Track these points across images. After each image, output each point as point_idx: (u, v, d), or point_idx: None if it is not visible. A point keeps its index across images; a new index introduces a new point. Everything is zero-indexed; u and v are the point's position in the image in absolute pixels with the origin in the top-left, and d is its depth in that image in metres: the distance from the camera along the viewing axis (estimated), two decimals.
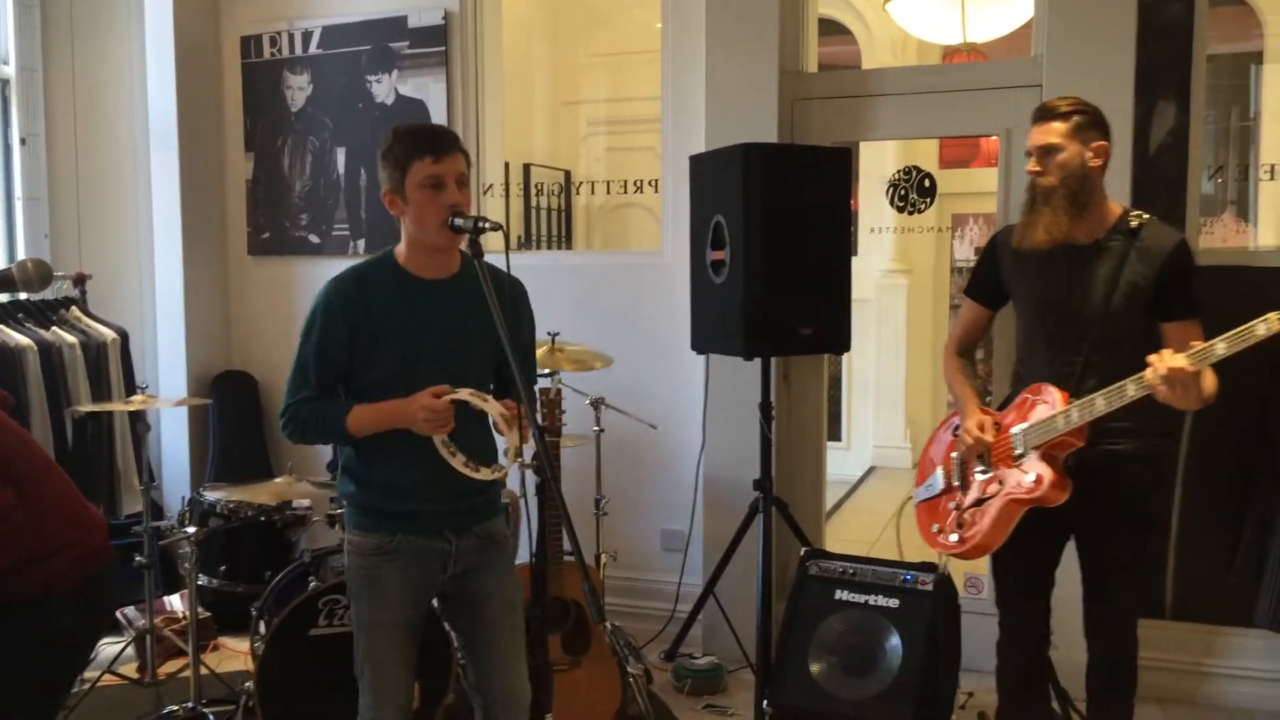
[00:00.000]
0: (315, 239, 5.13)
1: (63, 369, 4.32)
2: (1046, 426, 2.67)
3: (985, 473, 2.84)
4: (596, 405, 4.02)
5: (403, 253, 2.47)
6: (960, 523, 2.88)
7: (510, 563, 2.61)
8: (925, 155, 6.28)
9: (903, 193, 4.46)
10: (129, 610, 4.32)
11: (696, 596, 4.17)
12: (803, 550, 3.62)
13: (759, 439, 3.84)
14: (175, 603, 4.45)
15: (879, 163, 6.10)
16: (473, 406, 2.27)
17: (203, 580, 4.03)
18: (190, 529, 3.63)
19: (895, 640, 3.27)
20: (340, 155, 5.04)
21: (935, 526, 2.98)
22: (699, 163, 3.95)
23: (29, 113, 4.98)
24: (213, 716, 3.58)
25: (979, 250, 3.19)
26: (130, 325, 4.83)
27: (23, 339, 4.22)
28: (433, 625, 2.79)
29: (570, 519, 2.13)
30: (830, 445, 4.71)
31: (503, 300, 2.27)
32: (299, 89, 5.10)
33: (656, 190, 4.73)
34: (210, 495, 4.10)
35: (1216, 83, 4.77)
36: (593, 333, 4.21)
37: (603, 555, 4.03)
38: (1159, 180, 3.75)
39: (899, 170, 4.48)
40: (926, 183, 4.44)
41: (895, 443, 7.38)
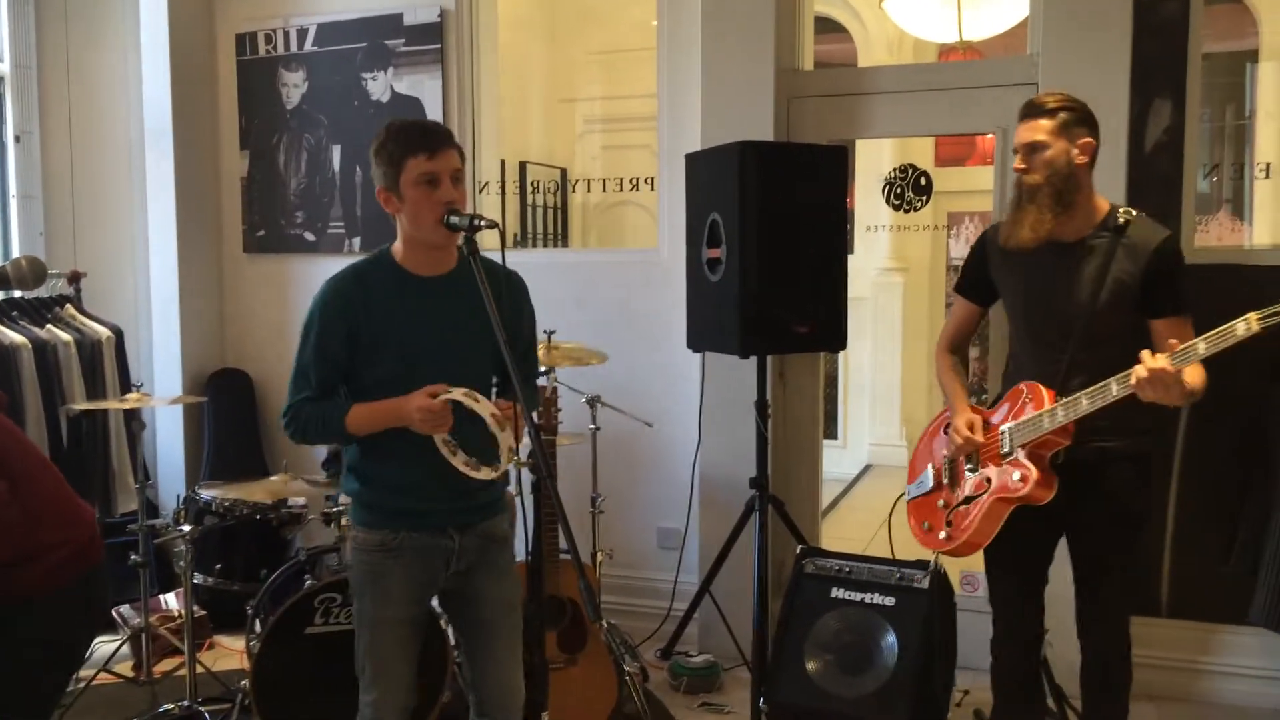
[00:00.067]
0: (310, 237, 5.12)
1: (57, 367, 4.31)
2: (1032, 425, 2.67)
3: (974, 471, 2.84)
4: (592, 403, 4.02)
5: (399, 251, 2.46)
6: (949, 521, 2.89)
7: (511, 563, 2.60)
8: (921, 153, 6.29)
9: (899, 191, 4.46)
10: (124, 609, 4.31)
11: (692, 595, 4.16)
12: (799, 548, 3.62)
13: (755, 437, 3.84)
14: (171, 601, 4.44)
15: (875, 161, 6.10)
16: (465, 407, 2.25)
17: (198, 578, 4.02)
18: (185, 527, 3.63)
19: (891, 638, 3.27)
20: (335, 153, 5.03)
21: (926, 524, 2.99)
22: (695, 161, 3.94)
23: (23, 110, 4.97)
24: (208, 715, 3.59)
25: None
26: (125, 323, 4.83)
27: (17, 337, 4.21)
28: (430, 623, 2.79)
29: (566, 517, 2.13)
30: (826, 443, 4.71)
31: (500, 295, 2.26)
32: (294, 86, 5.09)
33: (652, 188, 4.72)
34: (205, 493, 4.09)
35: (1212, 81, 4.77)
36: (589, 331, 4.21)
37: (599, 553, 4.03)
38: (1154, 178, 3.76)
39: (895, 168, 4.48)
40: (922, 181, 4.44)
41: (891, 441, 7.38)
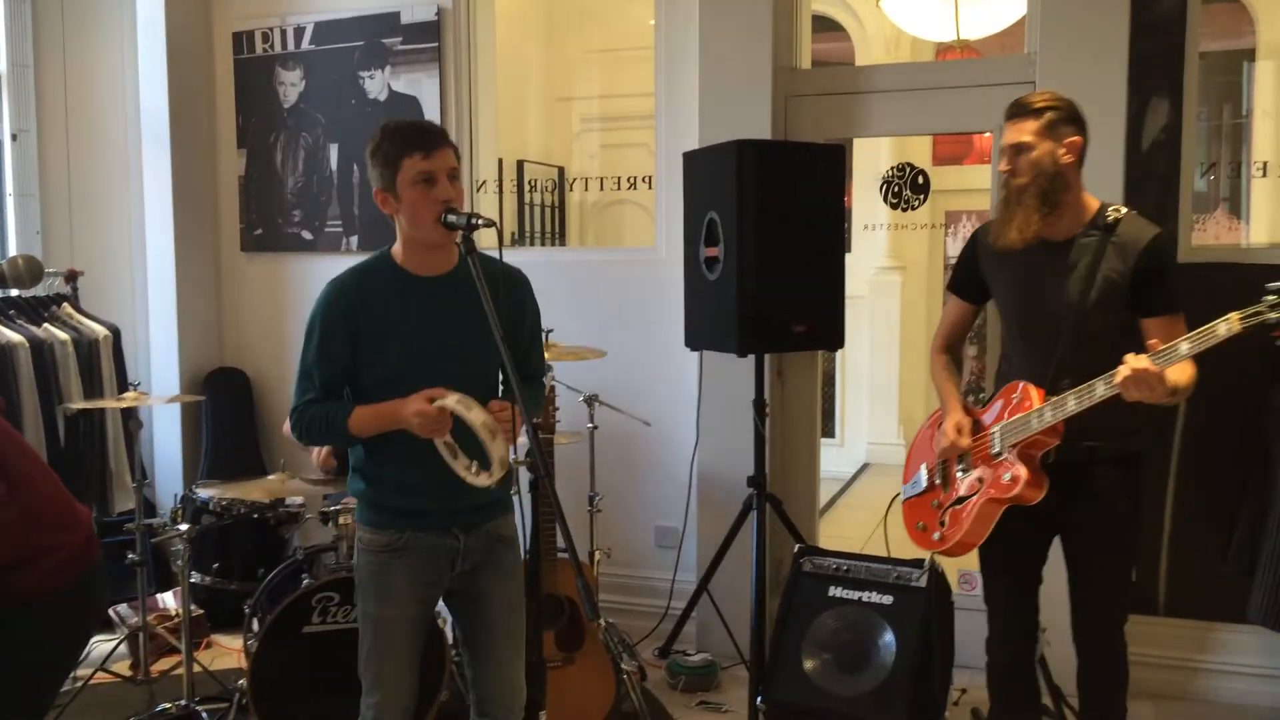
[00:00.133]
0: (308, 235, 5.12)
1: (54, 366, 4.31)
2: (1021, 425, 2.66)
3: (966, 471, 2.84)
4: (590, 402, 4.02)
5: (399, 252, 2.46)
6: (943, 521, 2.89)
7: (516, 563, 2.59)
8: (918, 152, 6.29)
9: (896, 189, 4.46)
10: (122, 608, 4.31)
11: (690, 593, 4.17)
12: (796, 547, 3.62)
13: (753, 435, 3.84)
14: (168, 600, 4.44)
15: (872, 159, 6.11)
16: (456, 414, 2.23)
17: (195, 578, 4.02)
18: (183, 526, 3.63)
19: (889, 637, 3.27)
20: (333, 151, 5.03)
21: (920, 524, 2.99)
22: (693, 159, 3.94)
23: (20, 108, 4.97)
24: (206, 714, 3.58)
25: None
26: (122, 322, 4.82)
27: (14, 336, 4.21)
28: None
29: (564, 516, 2.13)
30: (824, 442, 4.71)
31: (499, 293, 2.25)
32: (291, 85, 5.09)
33: (650, 187, 4.72)
34: (203, 492, 4.08)
35: (1209, 80, 4.78)
36: (586, 329, 4.21)
37: (596, 552, 4.03)
38: (1152, 177, 3.76)
39: (892, 167, 4.48)
40: (920, 179, 4.44)
41: (889, 439, 7.37)
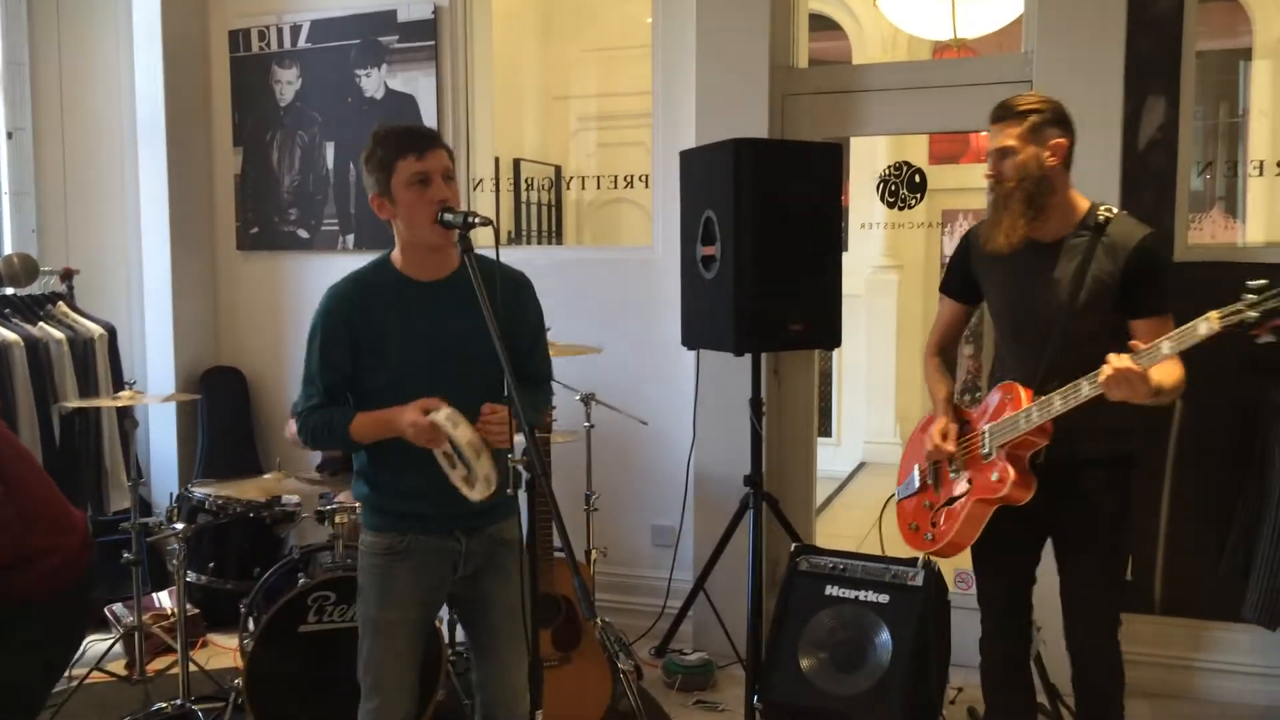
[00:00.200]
0: (304, 234, 5.11)
1: (50, 365, 4.30)
2: (1010, 426, 2.65)
3: (957, 472, 2.84)
4: (587, 401, 4.01)
5: (398, 257, 2.46)
6: (934, 522, 2.89)
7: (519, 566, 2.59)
8: (915, 151, 6.30)
9: (893, 188, 4.46)
10: (117, 607, 4.30)
11: (687, 592, 4.17)
12: (793, 546, 3.62)
13: (749, 434, 3.84)
14: (164, 599, 4.43)
15: (869, 158, 6.11)
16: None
17: (191, 577, 4.02)
18: (178, 525, 3.62)
19: (885, 636, 3.27)
20: (329, 150, 5.02)
21: (913, 524, 2.98)
22: (689, 158, 3.94)
23: (16, 107, 4.96)
24: (201, 714, 3.57)
25: None
26: (118, 321, 4.81)
27: (9, 334, 4.20)
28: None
29: (560, 515, 2.13)
30: (820, 441, 4.71)
31: (496, 295, 2.23)
32: (288, 83, 5.08)
33: (647, 185, 4.72)
34: (199, 491, 4.08)
35: (1205, 79, 4.78)
36: (583, 328, 4.20)
37: (593, 551, 4.03)
38: (1149, 176, 3.76)
39: (889, 166, 4.48)
40: (917, 178, 4.44)
41: (885, 438, 7.38)
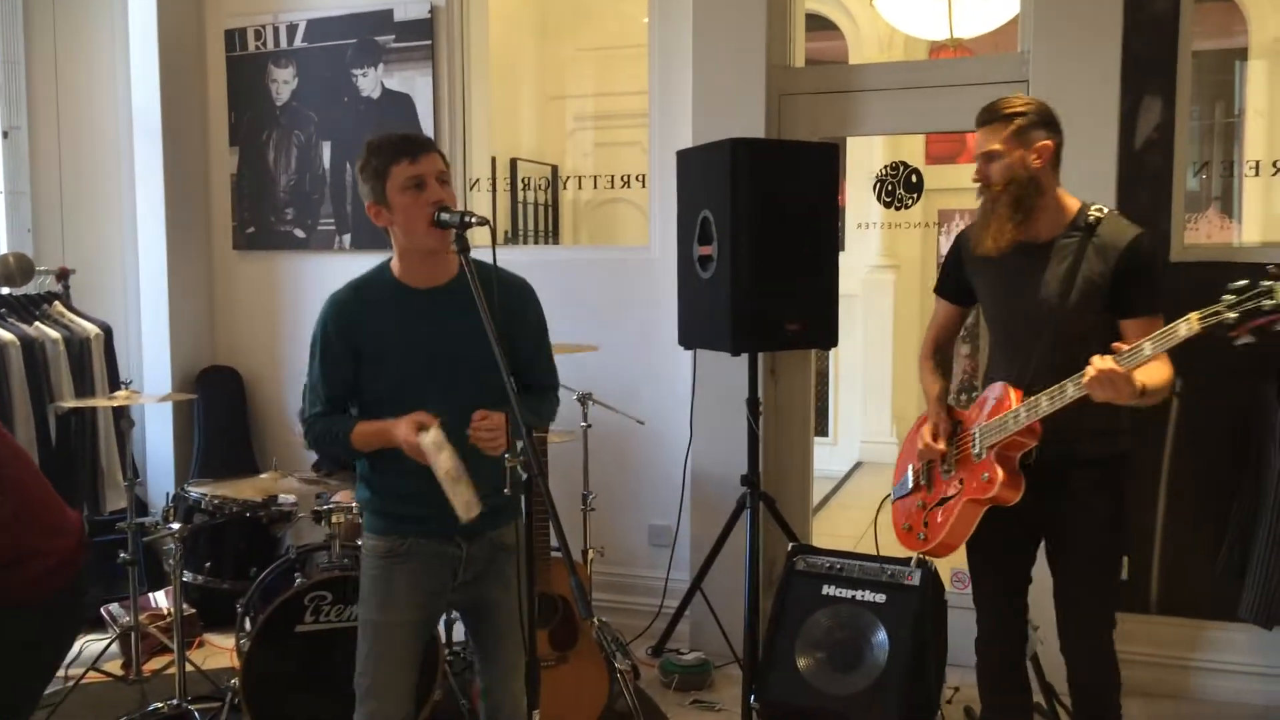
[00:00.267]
0: (301, 234, 5.10)
1: (45, 365, 4.29)
2: (999, 426, 2.65)
3: (949, 472, 2.84)
4: (584, 401, 4.01)
5: (397, 265, 2.47)
6: (926, 521, 2.89)
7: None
8: (912, 151, 6.30)
9: (889, 188, 4.46)
10: (113, 607, 4.29)
11: (684, 592, 4.17)
12: (790, 545, 3.63)
13: (746, 434, 3.84)
14: (160, 599, 4.43)
15: (866, 158, 6.11)
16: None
17: (187, 577, 4.01)
18: (175, 525, 3.62)
19: (882, 635, 3.28)
20: (326, 149, 5.02)
21: (906, 524, 2.99)
22: (686, 158, 3.94)
23: (12, 106, 4.95)
24: (198, 714, 3.57)
25: None
26: (114, 320, 4.80)
27: (5, 334, 4.19)
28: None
29: (557, 515, 2.12)
30: (817, 440, 4.71)
31: (494, 299, 2.22)
32: (284, 82, 5.07)
33: (644, 185, 4.72)
34: (195, 491, 4.08)
35: (1201, 78, 4.78)
36: (580, 328, 4.20)
37: (590, 551, 4.03)
38: (1145, 176, 3.77)
39: (886, 166, 4.48)
40: (913, 178, 4.44)
41: (882, 438, 7.38)
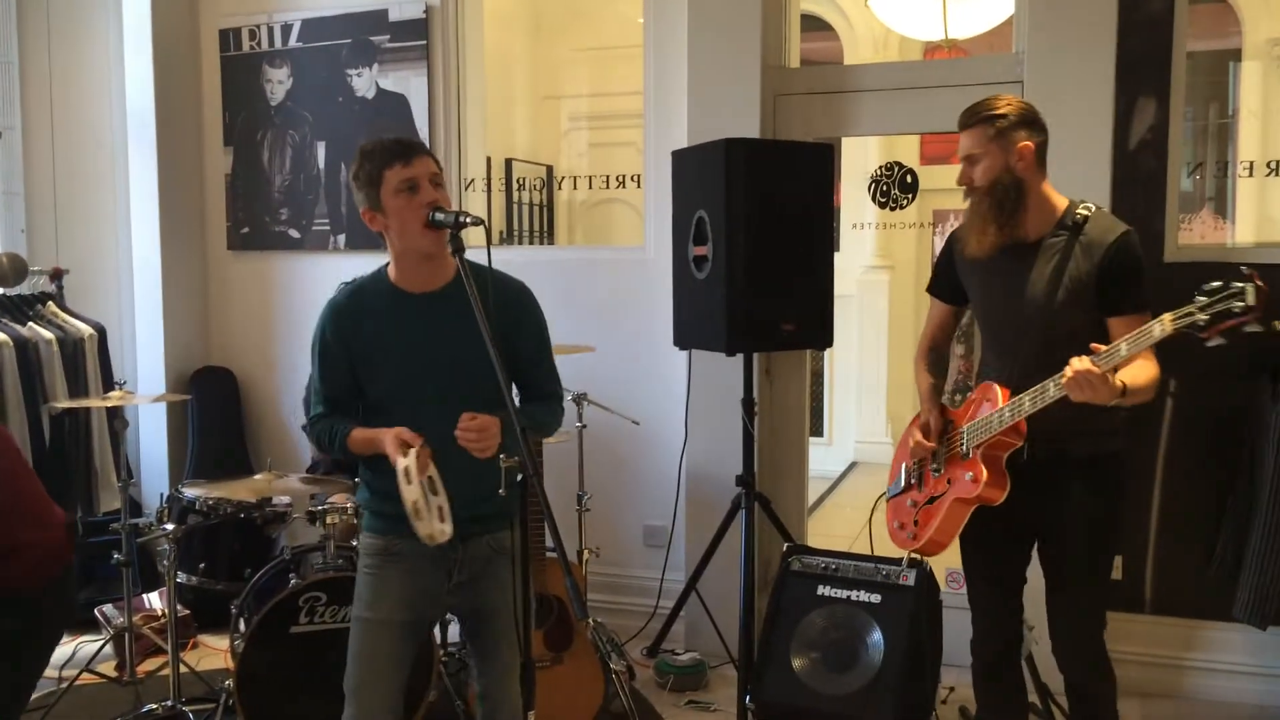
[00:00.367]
0: (295, 234, 5.10)
1: (39, 365, 4.28)
2: (984, 426, 2.65)
3: (938, 471, 2.84)
4: (579, 401, 4.01)
5: (394, 270, 2.47)
6: (916, 520, 2.89)
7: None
8: (907, 151, 6.30)
9: (884, 189, 4.46)
10: (107, 608, 4.28)
11: (679, 592, 4.17)
12: (785, 546, 3.62)
13: (741, 434, 3.84)
14: (154, 600, 4.41)
15: (861, 158, 6.11)
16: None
17: (182, 578, 4.00)
18: (169, 526, 3.61)
19: (877, 635, 3.28)
20: (320, 149, 5.01)
21: (898, 523, 2.99)
22: (681, 158, 3.94)
23: (5, 106, 4.94)
24: (192, 715, 3.57)
25: None
26: (108, 321, 4.80)
27: None
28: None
29: (552, 515, 2.12)
30: (812, 440, 4.71)
31: (490, 302, 2.21)
32: (278, 82, 5.07)
33: (639, 185, 4.71)
34: (189, 492, 4.06)
35: (1195, 79, 4.79)
36: (575, 328, 4.20)
37: (585, 551, 4.03)
38: (1139, 176, 3.77)
39: (881, 166, 4.48)
40: (908, 179, 4.45)
41: (877, 438, 7.39)
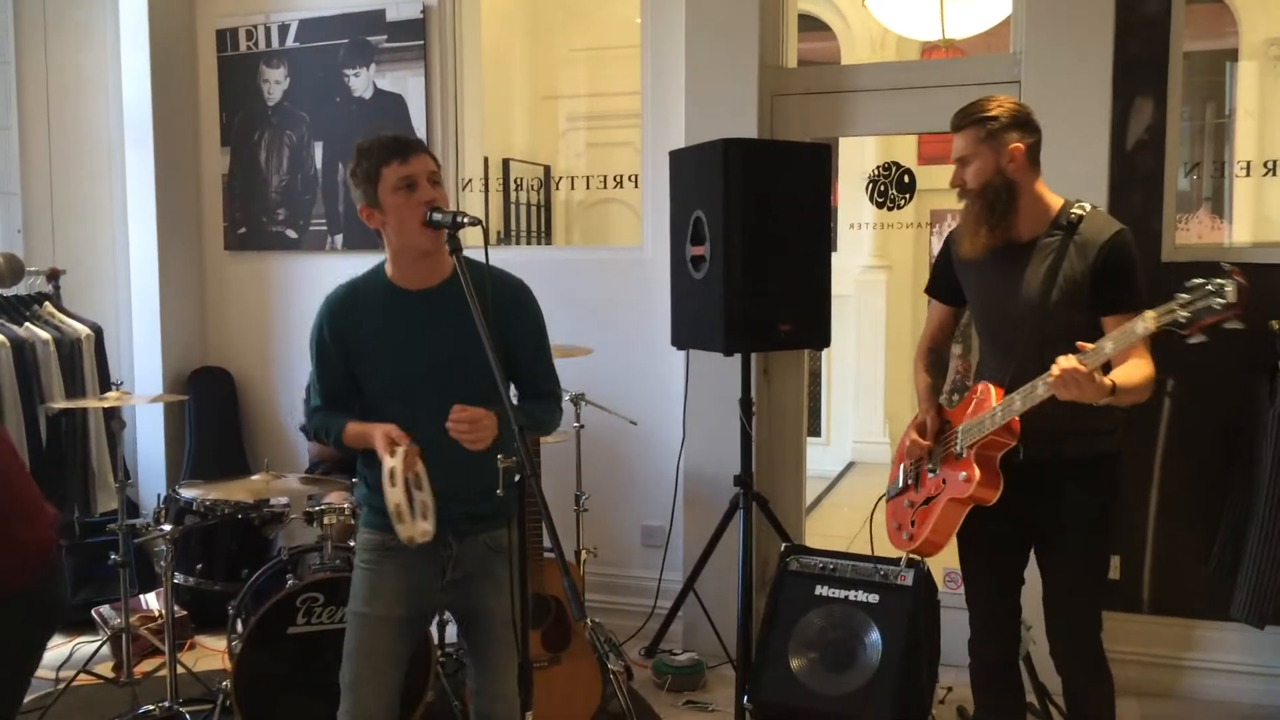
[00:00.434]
0: (292, 234, 5.09)
1: (36, 365, 4.28)
2: (977, 426, 2.65)
3: (934, 472, 2.84)
4: (576, 401, 4.01)
5: (391, 267, 2.47)
6: (913, 520, 2.89)
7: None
8: (904, 151, 6.30)
9: (882, 189, 4.47)
10: (104, 609, 4.28)
11: (677, 593, 4.17)
12: (783, 546, 3.62)
13: (739, 434, 3.84)
14: (151, 601, 4.41)
15: (858, 158, 6.12)
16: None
17: (179, 578, 3.99)
18: (166, 527, 3.61)
19: (875, 635, 3.28)
20: (318, 150, 5.00)
21: (896, 523, 2.99)
22: (679, 158, 3.93)
23: (1, 105, 4.93)
24: (189, 716, 3.56)
25: None
26: (105, 321, 4.79)
27: None
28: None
29: (550, 515, 2.12)
30: (810, 440, 4.71)
31: (487, 300, 2.20)
32: (275, 83, 5.06)
33: (636, 185, 4.71)
34: (186, 493, 4.05)
35: (1192, 79, 4.80)
36: (573, 329, 4.20)
37: (583, 552, 4.03)
38: (1136, 176, 3.78)
39: (878, 166, 4.49)
40: (905, 179, 4.45)
41: (874, 438, 7.40)
